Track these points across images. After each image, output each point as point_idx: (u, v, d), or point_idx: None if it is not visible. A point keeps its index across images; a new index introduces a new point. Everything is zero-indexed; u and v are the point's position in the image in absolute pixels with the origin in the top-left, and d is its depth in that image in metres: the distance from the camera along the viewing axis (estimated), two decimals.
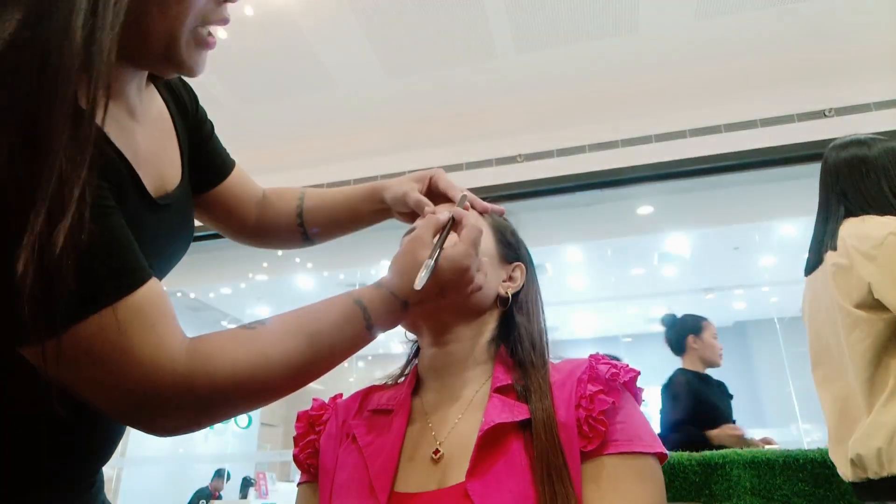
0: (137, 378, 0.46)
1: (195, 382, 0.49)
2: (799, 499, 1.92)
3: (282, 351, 0.55)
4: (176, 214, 0.66)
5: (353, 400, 0.76)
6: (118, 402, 0.48)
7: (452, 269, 0.65)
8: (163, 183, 0.64)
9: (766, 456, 2.02)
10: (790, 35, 2.76)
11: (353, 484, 0.64)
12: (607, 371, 0.61)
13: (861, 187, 1.39)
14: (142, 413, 0.49)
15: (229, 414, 0.54)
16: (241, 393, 0.52)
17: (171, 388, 0.48)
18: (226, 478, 5.56)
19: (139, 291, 0.47)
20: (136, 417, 0.49)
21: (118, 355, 0.46)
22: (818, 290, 1.45)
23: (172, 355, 0.48)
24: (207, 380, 0.50)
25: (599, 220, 3.58)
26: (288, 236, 0.91)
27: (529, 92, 3.16)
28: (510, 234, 0.81)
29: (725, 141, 2.87)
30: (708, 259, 5.18)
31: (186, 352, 0.50)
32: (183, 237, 0.70)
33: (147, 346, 0.47)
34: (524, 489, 0.56)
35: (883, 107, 2.72)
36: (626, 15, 2.64)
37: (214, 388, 0.50)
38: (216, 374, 0.50)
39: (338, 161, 3.47)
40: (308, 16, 2.61)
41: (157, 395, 0.48)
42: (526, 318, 0.74)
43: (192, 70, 0.60)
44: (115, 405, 0.48)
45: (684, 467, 2.06)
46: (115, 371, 0.46)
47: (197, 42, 0.58)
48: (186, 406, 0.50)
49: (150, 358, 0.47)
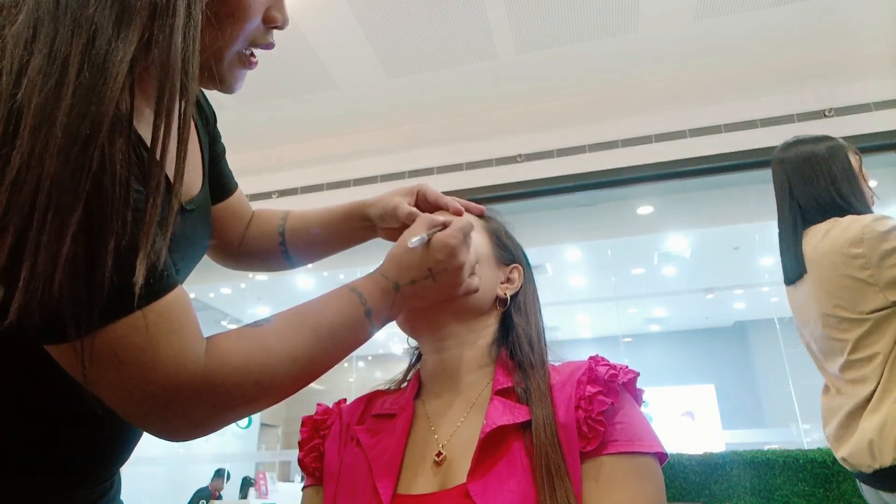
0: (161, 380, 0.47)
1: (214, 381, 0.50)
2: (799, 499, 1.93)
3: (288, 345, 0.55)
4: (199, 220, 0.67)
5: (356, 405, 0.77)
6: (139, 404, 0.48)
7: (443, 250, 0.66)
8: (188, 188, 0.65)
9: (766, 456, 2.02)
10: (790, 35, 2.76)
11: (356, 487, 0.65)
12: (606, 372, 0.62)
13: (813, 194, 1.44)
14: (162, 414, 0.49)
15: (246, 412, 0.54)
16: (256, 389, 0.53)
17: (193, 388, 0.48)
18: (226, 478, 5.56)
19: (168, 296, 0.48)
20: (155, 419, 0.50)
21: (145, 357, 0.46)
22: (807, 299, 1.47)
23: (195, 357, 0.49)
24: (225, 378, 0.50)
25: (599, 220, 3.58)
26: (270, 257, 0.91)
27: (529, 92, 3.16)
28: (505, 236, 0.81)
29: (725, 141, 2.87)
30: (708, 259, 5.18)
31: (206, 353, 0.50)
32: (204, 243, 0.71)
33: (172, 349, 0.47)
34: (525, 489, 0.57)
35: (883, 107, 2.72)
36: (626, 15, 2.64)
37: (231, 387, 0.51)
38: (233, 372, 0.51)
39: (338, 161, 3.48)
40: (308, 16, 2.61)
41: (178, 396, 0.48)
42: (524, 319, 0.75)
43: (231, 88, 0.62)
44: (135, 407, 0.48)
45: (684, 467, 2.06)
46: (140, 373, 0.46)
47: (241, 62, 0.60)
48: (206, 406, 0.50)
49: (174, 360, 0.47)
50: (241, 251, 0.90)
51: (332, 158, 3.49)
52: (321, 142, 3.55)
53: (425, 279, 0.66)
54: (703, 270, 5.49)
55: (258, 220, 0.91)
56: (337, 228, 0.88)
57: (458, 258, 0.67)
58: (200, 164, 0.71)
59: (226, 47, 0.57)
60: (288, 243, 0.89)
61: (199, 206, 0.67)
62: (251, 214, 0.91)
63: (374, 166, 3.39)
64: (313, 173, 3.50)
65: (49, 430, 0.54)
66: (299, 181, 3.50)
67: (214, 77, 0.59)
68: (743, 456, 2.04)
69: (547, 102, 3.20)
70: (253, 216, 0.91)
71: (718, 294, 6.12)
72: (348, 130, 3.48)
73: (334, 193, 3.40)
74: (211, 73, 0.58)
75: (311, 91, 3.14)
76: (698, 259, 5.10)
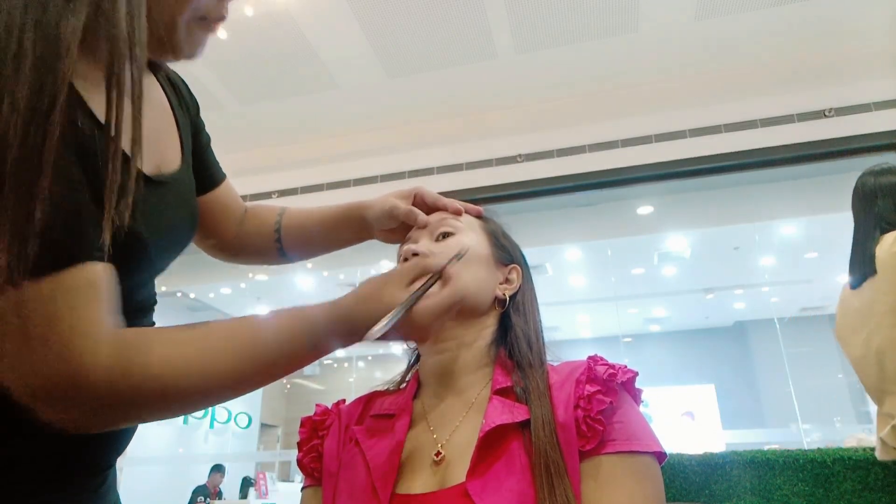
0: (58, 363, 0.45)
1: (115, 373, 0.47)
2: (799, 499, 1.93)
3: (214, 360, 0.52)
4: (174, 195, 0.66)
5: (355, 405, 0.77)
6: (27, 379, 0.45)
7: (427, 317, 0.61)
8: (161, 163, 0.64)
9: (766, 456, 2.02)
10: (790, 35, 2.76)
11: (355, 487, 0.65)
12: (605, 372, 0.62)
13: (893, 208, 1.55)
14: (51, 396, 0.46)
15: (143, 417, 0.52)
16: (163, 395, 0.50)
17: (87, 375, 0.46)
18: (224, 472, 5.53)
19: (74, 270, 0.46)
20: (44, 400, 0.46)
21: (39, 329, 0.44)
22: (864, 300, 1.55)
23: (99, 347, 0.47)
24: (131, 380, 0.48)
25: (599, 220, 3.58)
26: (264, 252, 0.91)
27: (529, 92, 3.16)
28: (503, 237, 0.81)
29: (725, 141, 2.87)
30: (708, 259, 5.19)
31: (114, 342, 0.48)
32: (183, 218, 0.69)
33: (74, 331, 0.45)
34: (524, 488, 0.57)
35: (883, 107, 2.72)
36: (626, 15, 2.64)
37: (135, 385, 0.48)
38: (140, 376, 0.48)
39: (338, 161, 3.48)
40: (308, 16, 2.62)
41: (75, 387, 0.45)
42: (523, 319, 0.75)
43: (190, 55, 0.61)
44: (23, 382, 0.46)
45: (684, 467, 2.06)
46: (41, 349, 0.44)
47: (200, 27, 0.60)
48: (101, 397, 0.47)
49: (76, 344, 0.45)
50: (236, 246, 0.90)
51: (332, 158, 3.49)
52: (321, 142, 3.55)
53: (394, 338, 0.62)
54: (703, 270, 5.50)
55: (254, 217, 0.91)
56: (333, 229, 0.88)
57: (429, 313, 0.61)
58: (178, 145, 0.70)
59: (177, 14, 0.56)
60: (284, 241, 0.89)
61: (174, 183, 0.65)
62: (244, 209, 0.91)
63: (374, 166, 3.39)
64: (313, 173, 3.50)
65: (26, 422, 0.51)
66: (299, 181, 3.50)
67: (169, 47, 0.59)
68: (743, 456, 2.04)
69: (547, 102, 3.20)
70: (248, 212, 0.91)
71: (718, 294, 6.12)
72: (348, 130, 3.48)
73: (334, 193, 3.40)
74: (165, 43, 0.58)
75: (311, 91, 3.14)
76: (698, 259, 5.11)
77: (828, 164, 2.83)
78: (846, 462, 1.91)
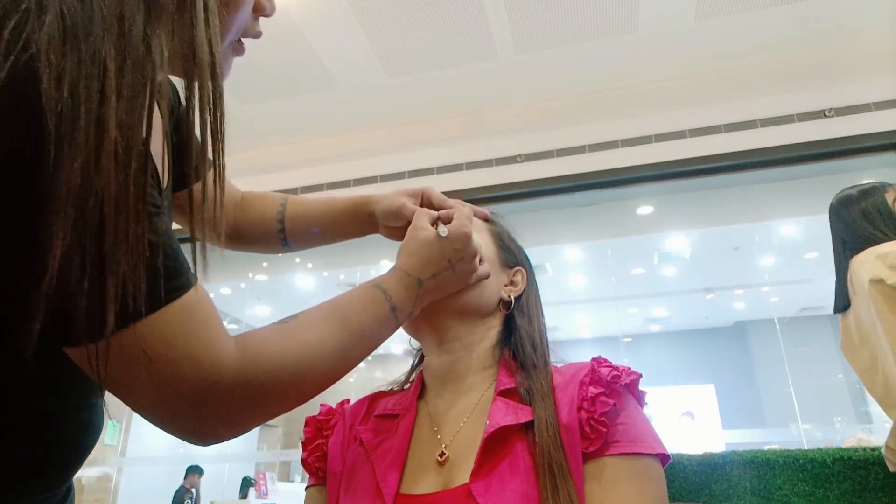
0: (194, 376, 0.46)
1: (249, 376, 0.49)
2: (799, 499, 1.93)
3: (319, 338, 0.56)
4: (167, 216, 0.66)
5: (360, 405, 0.77)
6: (170, 403, 0.46)
7: (460, 239, 0.68)
8: None
9: (766, 456, 2.02)
10: (790, 35, 2.76)
11: (359, 486, 0.65)
12: (609, 373, 0.62)
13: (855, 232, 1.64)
14: (195, 414, 0.48)
15: (281, 408, 0.54)
16: (291, 384, 0.53)
17: (229, 384, 0.47)
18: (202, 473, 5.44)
19: (191, 291, 0.47)
20: (187, 419, 0.48)
21: (175, 353, 0.45)
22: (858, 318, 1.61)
23: (227, 351, 0.48)
24: (260, 373, 0.50)
25: (599, 220, 3.58)
26: (266, 241, 0.90)
27: (529, 92, 3.16)
28: (508, 239, 0.82)
29: (725, 141, 2.87)
30: (708, 259, 5.19)
31: (237, 349, 0.49)
32: None
33: (202, 343, 0.46)
34: (527, 489, 0.57)
35: (883, 107, 2.72)
36: (626, 15, 2.64)
37: (267, 382, 0.50)
38: (268, 367, 0.51)
39: (338, 161, 3.48)
40: (308, 16, 2.61)
41: (214, 393, 0.47)
42: (527, 320, 0.75)
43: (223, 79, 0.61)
44: (165, 407, 0.46)
45: (684, 467, 2.06)
46: (172, 369, 0.45)
47: (233, 51, 0.62)
48: (240, 402, 0.49)
49: (207, 355, 0.46)
50: (235, 234, 0.88)
51: (332, 158, 3.49)
52: (321, 142, 3.55)
53: (446, 270, 0.68)
54: (703, 270, 5.50)
55: (255, 204, 0.90)
56: (340, 222, 0.87)
57: (472, 245, 0.69)
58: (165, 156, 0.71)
59: (222, 38, 0.57)
60: (287, 230, 0.88)
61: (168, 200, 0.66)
62: (240, 195, 0.90)
63: (374, 166, 3.39)
64: (313, 173, 3.50)
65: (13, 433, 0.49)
66: (299, 181, 3.50)
67: None
68: (743, 456, 2.04)
69: (547, 102, 3.20)
70: (244, 197, 0.90)
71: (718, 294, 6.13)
72: (348, 130, 3.48)
73: (334, 193, 3.40)
74: None
75: (310, 91, 3.14)
76: (698, 259, 5.11)
77: (828, 164, 2.83)
78: (846, 462, 1.91)
